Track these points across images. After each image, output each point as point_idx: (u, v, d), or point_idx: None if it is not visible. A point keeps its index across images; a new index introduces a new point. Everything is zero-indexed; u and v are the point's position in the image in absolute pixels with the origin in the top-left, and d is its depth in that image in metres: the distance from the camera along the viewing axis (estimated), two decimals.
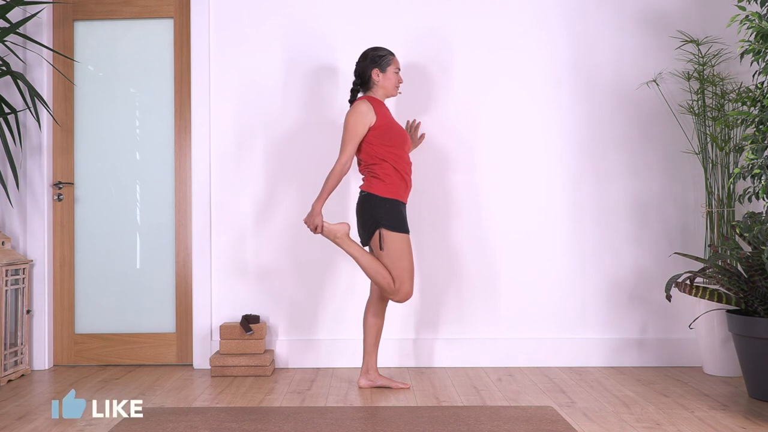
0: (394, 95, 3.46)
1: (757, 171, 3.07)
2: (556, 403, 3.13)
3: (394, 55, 3.43)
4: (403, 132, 3.39)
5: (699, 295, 3.32)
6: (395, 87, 3.42)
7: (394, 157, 3.32)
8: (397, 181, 3.32)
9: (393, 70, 3.40)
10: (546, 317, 3.89)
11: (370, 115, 3.30)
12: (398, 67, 3.43)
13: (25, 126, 3.95)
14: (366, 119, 3.29)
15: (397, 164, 3.31)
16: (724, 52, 3.81)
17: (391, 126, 3.34)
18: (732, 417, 2.89)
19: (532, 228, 3.91)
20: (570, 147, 3.92)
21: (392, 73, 3.40)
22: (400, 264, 3.26)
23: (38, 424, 2.87)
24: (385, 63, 3.39)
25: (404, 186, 3.35)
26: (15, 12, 3.91)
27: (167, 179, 4.05)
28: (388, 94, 3.43)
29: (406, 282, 3.28)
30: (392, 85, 3.41)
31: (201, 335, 3.92)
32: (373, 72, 3.38)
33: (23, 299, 3.81)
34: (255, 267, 3.93)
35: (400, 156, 3.34)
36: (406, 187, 3.37)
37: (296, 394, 3.34)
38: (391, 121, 3.37)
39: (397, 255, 3.26)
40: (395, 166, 3.31)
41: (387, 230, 3.25)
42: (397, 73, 3.43)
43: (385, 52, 3.41)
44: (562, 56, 3.93)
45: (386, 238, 3.25)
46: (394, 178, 3.31)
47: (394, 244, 3.26)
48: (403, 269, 3.27)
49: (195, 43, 3.95)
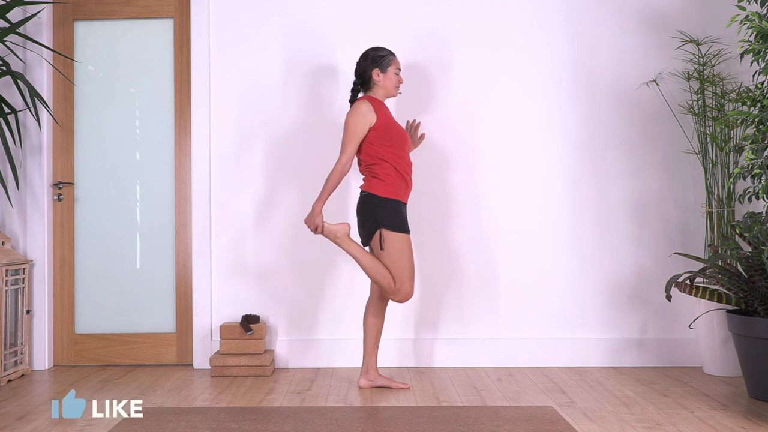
0: (394, 95, 3.46)
1: (757, 171, 3.07)
2: (556, 403, 3.13)
3: (394, 55, 3.43)
4: (403, 132, 3.39)
5: (699, 295, 3.32)
6: (395, 87, 3.43)
7: (395, 157, 3.32)
8: (398, 181, 3.32)
9: (393, 71, 3.41)
10: (546, 317, 3.89)
11: (371, 116, 3.30)
12: (399, 68, 3.43)
13: (25, 126, 3.95)
14: (366, 119, 3.29)
15: (397, 164, 3.31)
16: (724, 52, 3.81)
17: (391, 126, 3.34)
18: (732, 417, 2.89)
19: (532, 228, 3.91)
20: (570, 147, 3.92)
21: (393, 74, 3.40)
22: (400, 264, 3.26)
23: (38, 424, 2.87)
24: (385, 63, 3.39)
25: (404, 186, 3.35)
26: (15, 12, 3.91)
27: (167, 179, 4.05)
28: (388, 94, 3.43)
29: (406, 282, 3.28)
30: (392, 85, 3.41)
31: (201, 335, 3.92)
32: (374, 72, 3.38)
33: (23, 299, 3.81)
34: (255, 267, 3.93)
35: (401, 156, 3.34)
36: (406, 187, 3.37)
37: (296, 394, 3.34)
38: (392, 122, 3.37)
39: (397, 255, 3.26)
40: (395, 166, 3.31)
41: (387, 230, 3.25)
42: (398, 74, 3.43)
43: (385, 53, 3.41)
44: (562, 56, 3.93)
45: (386, 238, 3.25)
46: (394, 178, 3.31)
47: (395, 244, 3.26)
48: (403, 269, 3.27)
49: (195, 43, 3.95)
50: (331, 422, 2.83)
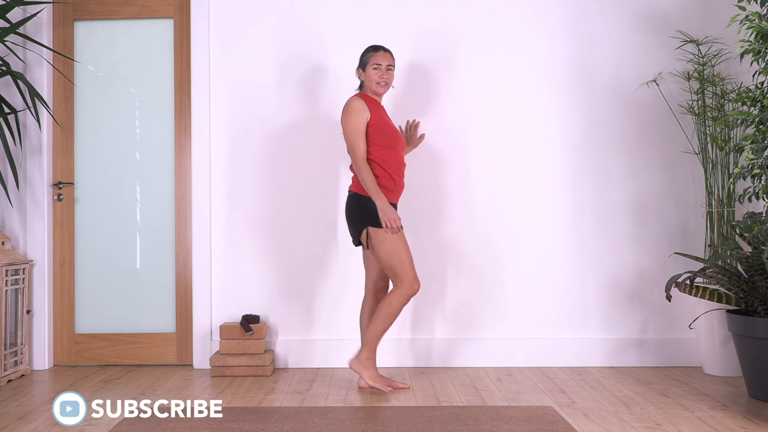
0: (378, 91, 3.37)
1: (757, 171, 3.06)
2: (556, 403, 3.13)
3: (377, 50, 3.36)
4: (395, 132, 3.36)
5: (699, 295, 3.32)
6: (376, 82, 3.34)
7: (383, 156, 3.29)
8: (385, 181, 3.29)
9: (372, 66, 3.34)
10: (546, 317, 3.89)
11: (366, 112, 3.28)
12: (379, 62, 3.34)
13: (25, 126, 3.95)
14: (363, 115, 3.28)
15: (385, 164, 3.29)
16: (724, 52, 3.81)
17: (382, 125, 3.31)
18: (732, 417, 2.89)
19: (532, 228, 3.91)
20: (570, 147, 3.92)
21: (371, 69, 3.34)
22: (397, 258, 3.24)
23: (38, 424, 2.87)
24: (364, 61, 3.37)
25: (393, 185, 3.32)
26: (15, 12, 3.91)
27: (167, 179, 4.05)
28: (373, 90, 3.37)
29: (408, 272, 3.25)
30: (372, 80, 3.34)
31: (201, 335, 3.92)
32: (358, 72, 3.40)
33: (23, 299, 3.81)
34: (255, 267, 3.93)
35: (390, 156, 3.31)
36: (394, 186, 3.33)
37: (296, 394, 3.34)
38: (384, 120, 3.34)
39: (392, 249, 3.24)
40: (383, 166, 3.28)
41: (375, 228, 3.25)
42: (378, 69, 3.34)
43: (367, 50, 3.38)
44: (562, 56, 3.93)
45: (374, 236, 3.24)
46: (381, 178, 3.29)
47: (386, 240, 3.24)
48: (401, 262, 3.25)
49: (195, 43, 3.95)
50: (331, 422, 2.83)
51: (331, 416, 2.92)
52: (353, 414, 2.95)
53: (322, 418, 2.88)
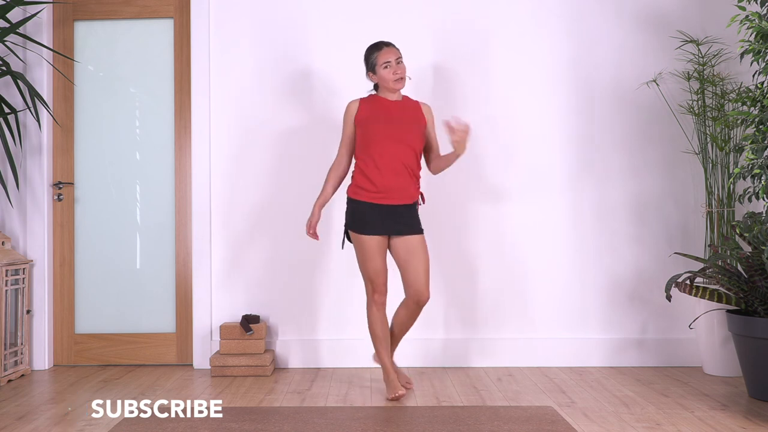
0: (397, 87, 3.25)
1: (757, 171, 3.06)
2: (556, 403, 3.13)
3: (380, 48, 3.25)
4: (381, 130, 3.20)
5: (699, 295, 3.32)
6: (393, 80, 3.23)
7: (360, 154, 3.23)
8: (360, 182, 3.22)
9: (382, 66, 3.22)
10: (546, 317, 3.89)
11: (352, 112, 3.27)
12: (387, 59, 3.20)
13: (25, 126, 3.95)
14: (348, 116, 3.28)
15: (363, 163, 3.21)
16: (724, 52, 3.81)
17: (368, 122, 3.21)
18: (732, 417, 2.89)
19: (532, 228, 3.91)
20: (570, 147, 3.92)
21: (382, 69, 3.23)
22: (362, 267, 3.23)
23: (38, 424, 2.87)
24: (372, 63, 3.26)
25: (368, 185, 3.18)
26: (15, 12, 3.91)
27: (167, 179, 4.05)
28: (390, 88, 3.27)
29: (367, 282, 3.24)
30: (388, 79, 3.23)
31: (201, 335, 3.92)
32: (368, 76, 3.30)
33: (23, 299, 3.81)
34: (255, 267, 3.93)
35: (370, 155, 3.19)
36: (371, 187, 3.17)
37: (296, 394, 3.34)
38: (372, 117, 3.22)
39: (359, 257, 3.24)
40: (360, 166, 3.23)
41: (350, 230, 3.25)
42: (388, 66, 3.21)
43: (370, 52, 3.27)
44: (562, 56, 3.93)
45: (352, 238, 3.26)
46: (358, 178, 3.23)
47: (355, 244, 3.24)
48: (364, 270, 3.23)
49: (195, 43, 3.95)
50: (331, 422, 2.83)
51: (331, 416, 2.92)
52: (353, 414, 2.95)
53: (322, 418, 2.88)
